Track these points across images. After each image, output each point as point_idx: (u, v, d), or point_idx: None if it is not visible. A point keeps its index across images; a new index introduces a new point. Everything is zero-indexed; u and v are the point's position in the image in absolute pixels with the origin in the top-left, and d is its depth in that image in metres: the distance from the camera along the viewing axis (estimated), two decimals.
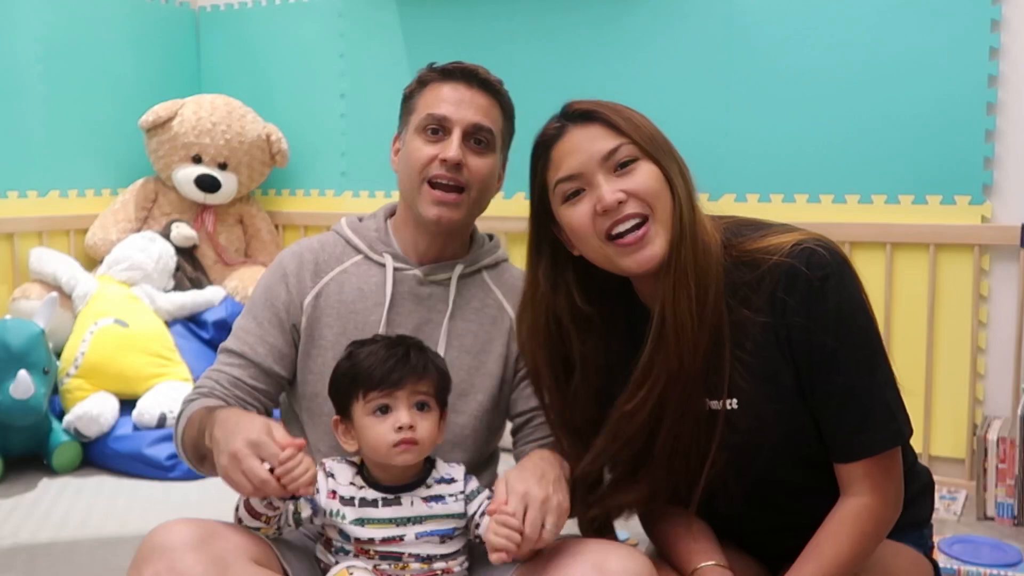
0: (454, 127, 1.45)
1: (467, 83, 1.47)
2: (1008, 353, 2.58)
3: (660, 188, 1.26)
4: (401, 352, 1.29)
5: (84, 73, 3.41)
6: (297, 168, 3.67)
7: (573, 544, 1.31)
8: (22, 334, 2.66)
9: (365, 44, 3.48)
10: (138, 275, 3.13)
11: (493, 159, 1.49)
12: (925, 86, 2.59)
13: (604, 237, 1.26)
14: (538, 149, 1.33)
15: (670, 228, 1.25)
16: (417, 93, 1.51)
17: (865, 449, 1.25)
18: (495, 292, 1.55)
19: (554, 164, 1.30)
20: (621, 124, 1.27)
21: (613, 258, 1.27)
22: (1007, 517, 2.38)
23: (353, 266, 1.52)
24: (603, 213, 1.25)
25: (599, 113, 1.28)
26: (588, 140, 1.27)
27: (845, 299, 1.24)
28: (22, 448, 2.73)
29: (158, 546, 1.21)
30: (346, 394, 1.31)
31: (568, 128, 1.29)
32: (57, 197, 3.37)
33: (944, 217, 2.60)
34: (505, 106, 1.52)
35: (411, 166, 1.47)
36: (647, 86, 2.96)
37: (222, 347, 1.52)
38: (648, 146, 1.27)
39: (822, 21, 2.67)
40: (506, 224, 3.18)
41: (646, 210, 1.25)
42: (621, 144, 1.26)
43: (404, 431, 1.26)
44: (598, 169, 1.26)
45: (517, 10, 3.15)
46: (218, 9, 3.81)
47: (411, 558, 1.29)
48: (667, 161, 1.28)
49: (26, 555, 2.19)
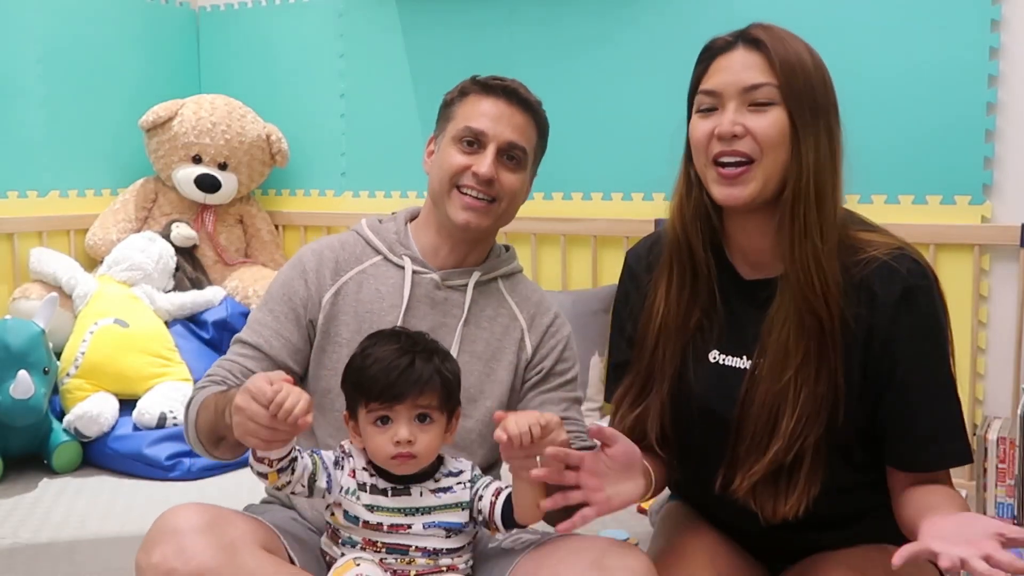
0: (490, 143, 1.48)
1: (507, 100, 1.50)
2: (1008, 353, 2.58)
3: (780, 139, 1.26)
4: (405, 363, 1.28)
5: (84, 73, 3.41)
6: (297, 168, 3.67)
7: (573, 542, 1.32)
8: (22, 334, 2.66)
9: (365, 44, 3.48)
10: (138, 275, 3.13)
11: (524, 175, 1.53)
12: (925, 86, 2.59)
13: (711, 160, 1.29)
14: (703, 55, 1.35)
15: (774, 180, 1.27)
16: (457, 102, 1.53)
17: (933, 463, 1.28)
18: (509, 301, 1.57)
19: (707, 74, 1.32)
20: (780, 66, 1.27)
21: (710, 181, 1.31)
22: (1007, 517, 2.38)
23: (372, 267, 1.54)
24: (718, 138, 1.27)
25: (767, 46, 1.28)
26: (742, 67, 1.28)
27: (933, 313, 1.28)
28: (22, 448, 2.72)
29: (168, 529, 1.22)
30: (352, 395, 1.32)
31: (735, 47, 1.30)
32: (57, 197, 3.38)
33: (944, 217, 2.60)
34: (541, 125, 1.55)
35: (444, 171, 1.49)
36: (647, 86, 2.97)
37: (236, 338, 1.54)
38: (793, 97, 1.27)
39: (822, 21, 2.67)
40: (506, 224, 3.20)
41: (756, 153, 1.27)
42: (767, 84, 1.27)
43: (402, 445, 1.26)
44: (735, 96, 1.28)
45: (517, 10, 3.15)
46: (218, 9, 3.81)
47: (417, 552, 1.29)
48: (807, 120, 1.27)
49: (26, 555, 2.19)
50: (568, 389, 1.56)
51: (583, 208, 3.10)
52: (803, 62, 1.28)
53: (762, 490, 1.31)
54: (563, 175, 3.10)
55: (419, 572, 1.30)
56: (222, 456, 1.46)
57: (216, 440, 1.42)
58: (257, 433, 1.17)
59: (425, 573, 1.30)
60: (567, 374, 1.57)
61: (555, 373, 1.55)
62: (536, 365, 1.55)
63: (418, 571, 1.29)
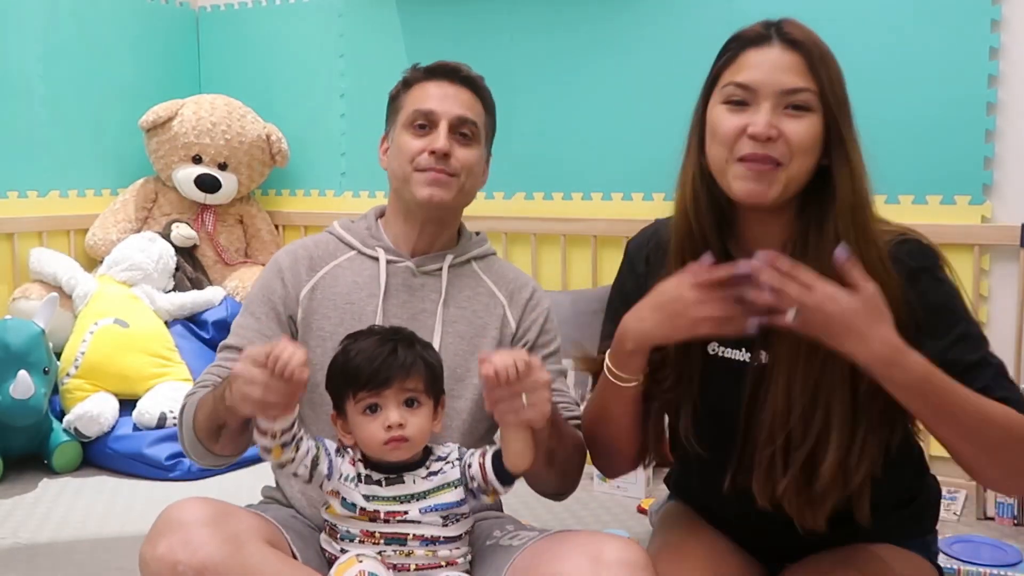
0: (440, 120, 1.52)
1: (450, 80, 1.54)
2: (1008, 353, 2.57)
3: (812, 146, 1.25)
4: (388, 350, 1.31)
5: (84, 73, 3.41)
6: (297, 168, 3.67)
7: (569, 536, 1.33)
8: (22, 334, 2.66)
9: (365, 44, 3.48)
10: (138, 275, 3.13)
11: (479, 150, 1.56)
12: (925, 86, 2.59)
13: (736, 157, 1.25)
14: (732, 43, 1.31)
15: (795, 184, 1.26)
16: (403, 93, 1.57)
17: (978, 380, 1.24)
18: (486, 281, 1.61)
19: (737, 65, 1.28)
20: (820, 71, 1.25)
21: (728, 174, 1.27)
22: (1007, 517, 2.38)
23: (347, 261, 1.58)
24: (750, 137, 1.24)
25: (807, 49, 1.25)
26: (781, 66, 1.25)
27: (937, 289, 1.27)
28: (22, 448, 2.73)
29: (174, 521, 1.24)
30: (339, 392, 1.34)
31: (771, 41, 1.26)
32: (57, 197, 3.38)
33: (944, 217, 2.60)
34: (487, 101, 1.59)
35: (402, 157, 1.53)
36: (647, 86, 2.97)
37: (222, 345, 1.56)
38: (832, 105, 1.25)
39: (821, 21, 2.66)
40: (506, 224, 3.20)
41: (785, 158, 1.24)
42: (807, 89, 1.24)
43: (393, 429, 1.28)
44: (772, 96, 1.24)
45: (516, 9, 3.15)
46: (218, 9, 3.81)
47: (415, 541, 1.30)
48: (848, 125, 1.26)
49: (26, 555, 2.20)
50: (553, 361, 1.59)
51: (583, 208, 3.10)
52: (837, 66, 1.28)
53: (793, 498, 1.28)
54: (563, 175, 3.11)
55: (419, 565, 1.31)
56: (221, 451, 1.47)
57: (216, 431, 1.42)
58: (255, 394, 1.20)
59: (425, 567, 1.31)
60: (550, 346, 1.60)
61: (539, 345, 1.58)
62: (520, 339, 1.58)
63: (418, 564, 1.30)
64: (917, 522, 1.46)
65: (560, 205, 3.14)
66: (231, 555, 1.21)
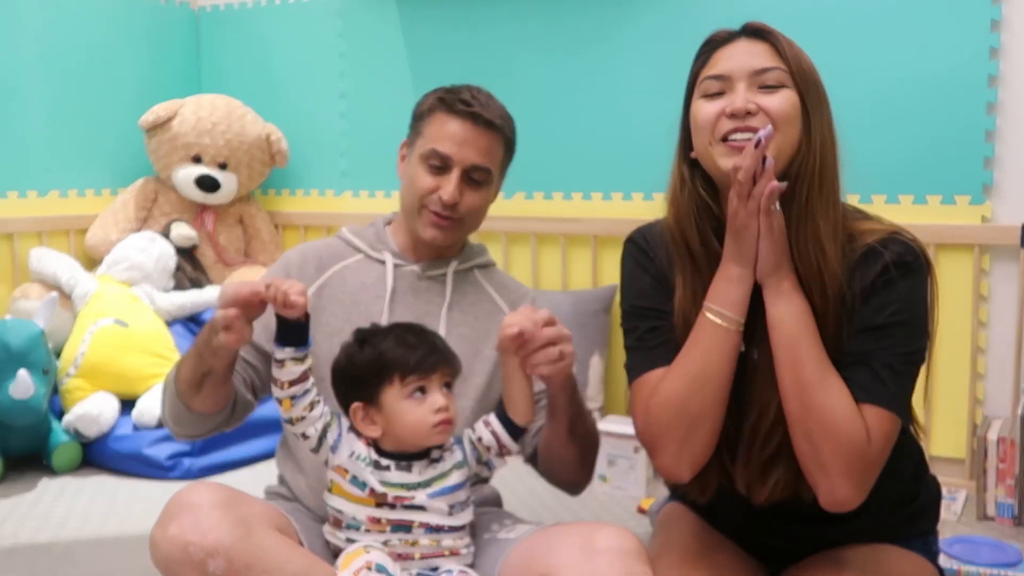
0: (455, 167, 1.55)
1: (473, 123, 1.56)
2: (1008, 353, 2.58)
3: (793, 116, 1.28)
4: (428, 338, 1.38)
5: (84, 73, 3.41)
6: (297, 168, 3.67)
7: (562, 527, 1.36)
8: (22, 334, 2.66)
9: (365, 44, 3.48)
10: (138, 275, 3.13)
11: (488, 192, 1.61)
12: (925, 86, 2.59)
13: (719, 138, 1.29)
14: (704, 48, 1.37)
15: (782, 158, 1.27)
16: (427, 117, 1.59)
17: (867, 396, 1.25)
18: (488, 289, 1.67)
19: (710, 63, 1.34)
20: (786, 52, 1.30)
21: (716, 157, 1.29)
22: (1007, 517, 2.38)
23: (355, 263, 1.63)
24: (729, 116, 1.28)
25: (771, 35, 1.32)
26: (749, 53, 1.31)
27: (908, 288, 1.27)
28: (22, 448, 2.72)
29: (185, 503, 1.26)
30: (375, 380, 1.35)
31: (737, 39, 1.34)
32: (57, 197, 3.37)
33: (944, 217, 2.60)
34: (507, 140, 1.62)
35: (412, 191, 1.58)
36: (648, 86, 2.97)
37: None
38: (801, 82, 1.30)
39: (821, 21, 2.67)
40: (506, 224, 3.20)
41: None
42: (776, 67, 1.29)
43: (442, 412, 1.33)
44: (745, 79, 1.29)
45: (516, 10, 3.15)
46: (218, 9, 3.81)
47: (421, 529, 1.32)
48: (814, 105, 1.30)
49: (26, 555, 2.19)
50: None
51: (583, 208, 3.10)
52: (801, 53, 1.32)
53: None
54: (563, 175, 3.11)
55: (423, 554, 1.32)
56: (202, 406, 1.47)
57: (199, 381, 1.43)
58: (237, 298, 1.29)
59: (429, 555, 1.33)
60: None
61: None
62: None
63: (422, 553, 1.32)
64: (917, 522, 1.46)
65: (560, 205, 3.14)
66: (241, 538, 1.23)
